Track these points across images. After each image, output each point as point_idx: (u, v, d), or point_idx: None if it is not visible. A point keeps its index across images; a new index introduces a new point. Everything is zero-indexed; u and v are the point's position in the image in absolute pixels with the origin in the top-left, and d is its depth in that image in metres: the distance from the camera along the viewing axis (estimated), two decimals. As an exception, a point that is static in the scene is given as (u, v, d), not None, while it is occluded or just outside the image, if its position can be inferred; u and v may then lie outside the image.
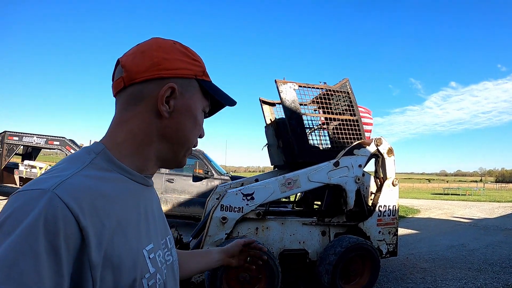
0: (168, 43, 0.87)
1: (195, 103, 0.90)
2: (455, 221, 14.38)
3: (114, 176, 0.79)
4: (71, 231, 0.63)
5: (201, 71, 0.90)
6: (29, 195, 0.64)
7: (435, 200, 28.85)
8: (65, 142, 13.95)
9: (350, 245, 4.96)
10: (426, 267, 7.11)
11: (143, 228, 0.82)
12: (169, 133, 0.86)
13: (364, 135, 5.84)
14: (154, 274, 0.80)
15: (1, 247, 0.58)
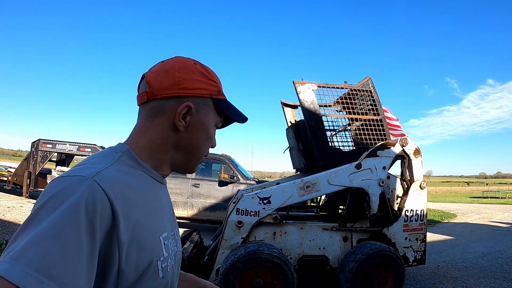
0: (189, 63, 0.99)
1: (209, 120, 1.01)
2: (493, 226, 13.73)
3: (138, 173, 0.91)
4: (106, 213, 0.74)
5: (216, 90, 1.02)
6: (71, 180, 0.75)
7: (473, 204, 27.88)
8: (96, 149, 14.36)
9: (372, 252, 4.70)
10: (458, 276, 6.67)
11: (159, 218, 0.93)
12: (183, 144, 0.99)
13: (389, 136, 5.54)
14: (166, 258, 0.91)
15: (48, 219, 0.68)
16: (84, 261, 0.69)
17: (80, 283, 0.67)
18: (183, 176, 9.95)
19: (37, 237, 0.66)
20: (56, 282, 0.63)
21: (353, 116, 5.63)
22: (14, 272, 0.61)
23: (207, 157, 1.32)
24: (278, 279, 4.41)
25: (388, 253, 4.77)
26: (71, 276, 0.66)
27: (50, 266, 0.63)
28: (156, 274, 0.87)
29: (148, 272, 0.84)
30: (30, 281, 0.61)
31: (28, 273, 0.62)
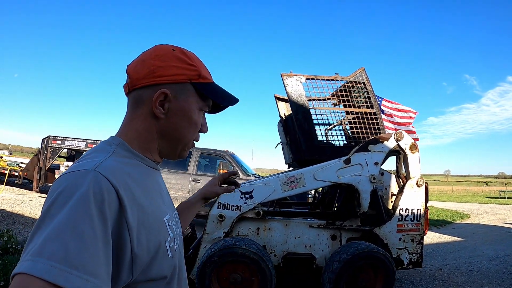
0: (167, 51, 0.99)
1: (190, 105, 1.00)
2: (506, 228, 13.29)
3: (133, 162, 0.94)
4: (113, 199, 0.77)
5: (196, 74, 1.00)
6: (75, 175, 0.79)
7: (489, 204, 27.30)
8: None
9: (358, 252, 4.43)
10: (460, 281, 6.32)
11: (160, 201, 0.98)
12: (166, 132, 1.00)
13: (383, 129, 5.23)
14: (173, 238, 0.96)
15: (61, 214, 0.70)
16: (101, 248, 0.71)
17: (100, 269, 0.70)
18: (183, 172, 9.93)
19: (54, 231, 0.68)
20: (79, 270, 0.66)
21: (345, 109, 5.36)
22: (39, 267, 0.63)
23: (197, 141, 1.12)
24: (256, 275, 4.31)
25: (376, 254, 4.49)
26: (91, 264, 0.68)
27: (72, 257, 0.66)
28: (166, 254, 0.91)
29: (159, 253, 0.88)
30: (55, 273, 0.63)
31: (52, 266, 0.63)
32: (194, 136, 1.06)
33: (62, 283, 0.63)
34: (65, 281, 0.63)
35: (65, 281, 0.63)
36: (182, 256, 1.08)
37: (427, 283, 6.19)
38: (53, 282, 0.62)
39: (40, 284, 0.62)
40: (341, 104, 5.53)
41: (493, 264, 7.65)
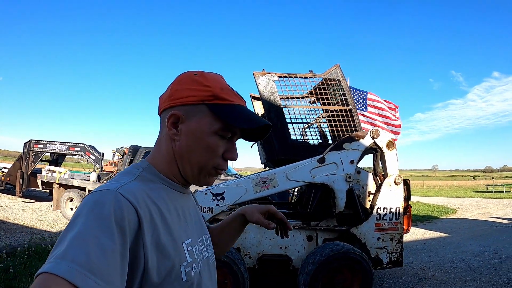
0: (187, 75, 1.01)
1: (201, 126, 0.97)
2: (492, 222, 13.35)
3: (157, 186, 0.97)
4: (133, 217, 0.81)
5: (209, 95, 0.97)
6: (100, 193, 0.83)
7: (476, 198, 27.45)
8: (85, 148, 14.62)
9: (333, 253, 4.33)
10: (443, 279, 6.24)
11: (182, 226, 0.98)
12: (181, 154, 0.99)
13: (359, 127, 5.13)
14: (190, 263, 0.95)
15: (85, 225, 0.75)
16: (118, 261, 0.74)
17: (116, 279, 0.73)
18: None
19: (77, 240, 0.72)
20: (96, 276, 0.69)
21: (320, 107, 5.24)
22: (61, 268, 0.67)
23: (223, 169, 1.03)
24: (228, 278, 4.22)
25: (351, 255, 4.38)
26: (109, 273, 0.71)
27: (92, 263, 0.69)
28: (180, 278, 0.91)
29: (171, 276, 0.88)
30: (76, 274, 0.66)
31: (73, 268, 0.67)
32: (213, 161, 1.01)
33: (80, 285, 0.66)
34: (83, 283, 0.66)
35: (83, 283, 0.66)
36: (208, 279, 1.06)
37: (409, 281, 6.11)
38: (72, 282, 0.65)
39: (60, 282, 0.65)
40: (318, 102, 5.42)
41: (478, 260, 7.60)
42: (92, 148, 14.56)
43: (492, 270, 6.82)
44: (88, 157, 14.41)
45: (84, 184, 10.85)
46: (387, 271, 6.48)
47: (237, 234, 1.44)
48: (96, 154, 14.37)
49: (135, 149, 10.47)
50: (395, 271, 6.54)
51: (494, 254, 8.13)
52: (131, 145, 10.72)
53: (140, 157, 10.11)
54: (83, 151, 14.52)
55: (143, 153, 10.21)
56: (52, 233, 8.98)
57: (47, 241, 7.62)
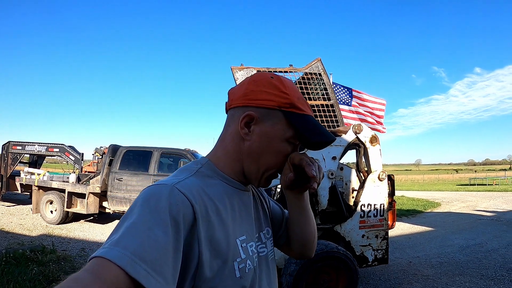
0: (264, 77, 1.03)
1: (275, 131, 0.99)
2: (477, 215, 13.45)
3: (215, 182, 0.99)
4: (188, 212, 0.83)
5: (287, 102, 0.99)
6: (157, 187, 0.86)
7: (460, 191, 27.79)
8: (64, 149, 14.12)
9: (316, 253, 4.16)
10: (430, 274, 6.18)
11: (237, 222, 0.98)
12: (249, 153, 1.01)
13: (342, 122, 4.99)
14: (244, 259, 0.96)
15: (141, 217, 0.78)
16: (170, 253, 0.77)
17: (167, 271, 0.74)
18: (144, 173, 9.57)
19: (132, 230, 0.75)
20: (147, 264, 0.70)
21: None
22: (113, 253, 0.69)
23: None
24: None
25: (335, 254, 4.25)
26: (160, 264, 0.73)
27: (144, 252, 0.71)
28: (233, 274, 0.91)
29: (224, 271, 0.89)
30: (127, 260, 0.68)
31: (125, 254, 0.69)
32: (279, 165, 1.03)
33: (129, 270, 0.67)
34: (133, 269, 0.68)
35: (132, 269, 0.68)
36: (262, 279, 1.04)
37: (396, 278, 6.03)
38: (122, 267, 0.67)
39: (111, 267, 0.67)
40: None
41: (464, 254, 7.59)
42: (71, 149, 14.12)
43: (478, 264, 6.80)
44: (68, 157, 13.95)
45: (64, 186, 10.53)
46: (373, 268, 6.39)
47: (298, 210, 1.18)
48: (75, 154, 13.93)
49: (115, 148, 10.20)
50: (381, 268, 6.46)
51: (480, 248, 8.14)
52: (111, 145, 10.44)
53: (121, 156, 9.87)
54: (63, 152, 14.05)
55: (123, 152, 9.95)
56: (31, 237, 8.68)
57: (26, 246, 7.33)
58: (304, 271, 4.13)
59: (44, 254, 6.66)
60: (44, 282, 5.31)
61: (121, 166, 9.80)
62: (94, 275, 0.65)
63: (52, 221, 10.52)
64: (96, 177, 10.41)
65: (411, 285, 5.62)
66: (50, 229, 9.76)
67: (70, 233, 9.40)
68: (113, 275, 0.66)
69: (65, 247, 7.80)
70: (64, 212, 10.43)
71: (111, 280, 0.66)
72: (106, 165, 9.94)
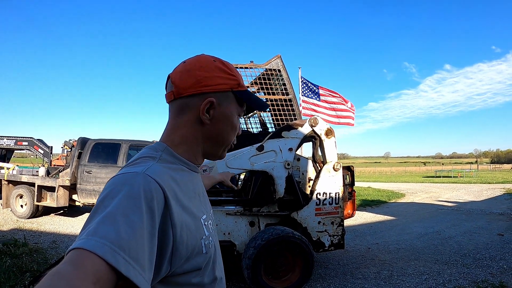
0: (209, 62, 1.08)
1: (231, 111, 1.10)
2: (438, 205, 13.94)
3: (176, 167, 1.03)
4: (160, 198, 0.86)
5: (236, 83, 1.09)
6: (127, 176, 0.88)
7: (425, 183, 28.37)
8: (33, 142, 14.08)
9: (273, 237, 4.47)
10: (386, 259, 6.52)
11: (197, 203, 1.06)
12: (211, 136, 1.09)
13: (299, 116, 5.28)
14: (208, 236, 1.04)
15: (114, 205, 0.79)
16: (147, 239, 0.78)
17: (143, 258, 0.76)
18: (113, 165, 9.66)
19: (108, 218, 0.75)
20: (126, 253, 0.72)
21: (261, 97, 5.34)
22: (91, 243, 0.70)
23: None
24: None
25: (291, 239, 4.54)
26: (137, 251, 0.74)
27: (122, 240, 0.72)
28: (201, 251, 0.98)
29: (195, 250, 0.95)
30: (106, 249, 0.69)
31: (104, 243, 0.70)
32: (233, 138, 1.15)
33: (109, 260, 0.69)
34: (113, 258, 0.69)
35: (112, 258, 0.69)
36: (218, 252, 1.15)
37: (354, 262, 6.35)
38: (102, 257, 0.68)
39: (91, 257, 0.68)
40: (261, 92, 5.52)
41: (421, 241, 7.97)
42: (40, 142, 14.07)
43: (434, 250, 7.15)
44: (37, 151, 13.91)
45: (33, 180, 10.49)
46: (332, 253, 6.71)
47: None
48: (44, 148, 13.88)
49: (84, 141, 10.24)
50: (340, 253, 6.78)
51: (437, 235, 8.52)
52: (80, 137, 10.45)
53: (89, 148, 9.93)
54: (31, 145, 13.99)
55: (92, 145, 10.00)
56: (2, 232, 8.65)
57: (-3, 240, 7.38)
58: (261, 254, 4.40)
59: (17, 247, 6.74)
60: (18, 273, 5.43)
61: (90, 159, 9.86)
62: (75, 267, 0.66)
63: (23, 215, 10.48)
64: (66, 170, 10.41)
65: (368, 269, 5.92)
66: (21, 224, 9.74)
67: (41, 227, 9.41)
68: (94, 265, 0.67)
69: (36, 240, 7.85)
70: (34, 206, 10.39)
71: (92, 271, 0.67)
72: (75, 158, 9.97)
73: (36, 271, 5.55)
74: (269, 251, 4.47)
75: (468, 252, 6.96)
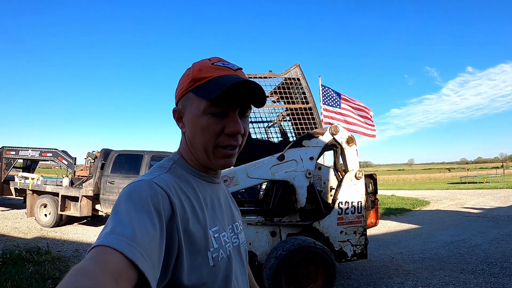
0: (186, 72, 1.08)
1: (193, 111, 1.04)
2: (464, 212, 13.59)
3: (186, 176, 1.06)
4: (166, 203, 0.90)
5: (190, 82, 1.04)
6: (137, 184, 0.93)
7: (450, 190, 27.74)
8: (57, 153, 14.30)
9: (294, 247, 4.41)
10: (411, 269, 6.38)
11: (209, 214, 1.05)
12: (190, 142, 1.08)
13: (320, 124, 5.24)
14: (217, 249, 1.01)
15: (128, 209, 0.84)
16: (157, 240, 0.82)
17: (154, 256, 0.79)
18: (136, 176, 9.68)
19: (122, 219, 0.80)
20: (141, 248, 0.75)
21: (280, 106, 5.33)
22: (110, 240, 0.74)
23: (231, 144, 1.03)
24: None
25: (312, 249, 4.47)
26: (150, 248, 0.78)
27: (137, 236, 0.76)
28: (207, 262, 0.97)
29: (198, 261, 0.95)
30: (123, 244, 0.73)
31: (121, 239, 0.74)
32: (212, 140, 1.03)
33: (127, 253, 0.72)
34: (130, 251, 0.73)
35: (130, 252, 0.72)
36: (237, 266, 1.12)
37: (377, 272, 6.22)
38: (120, 251, 0.72)
39: (110, 252, 0.72)
40: (282, 101, 5.50)
41: (446, 250, 7.76)
42: (64, 153, 14.32)
43: (460, 259, 6.95)
44: (61, 162, 14.13)
45: (57, 190, 10.73)
46: (355, 263, 6.61)
47: None
48: (68, 159, 14.11)
49: (107, 152, 10.41)
50: (364, 263, 6.67)
51: (463, 243, 8.29)
52: (103, 149, 10.64)
53: (112, 159, 10.08)
54: (56, 156, 14.23)
55: (114, 156, 10.17)
56: (26, 240, 8.86)
57: (22, 248, 7.54)
58: (282, 265, 4.35)
59: (40, 255, 6.87)
60: (40, 280, 5.52)
61: (113, 170, 10.01)
62: (96, 262, 0.69)
63: (46, 224, 10.71)
64: (89, 181, 10.59)
65: (391, 280, 5.79)
66: (45, 232, 9.93)
67: (64, 236, 9.57)
68: (115, 261, 0.70)
69: (59, 248, 7.98)
70: (58, 215, 10.64)
71: (114, 266, 0.69)
72: (98, 168, 10.13)
73: (58, 278, 5.63)
74: (291, 261, 4.41)
75: (495, 260, 6.74)
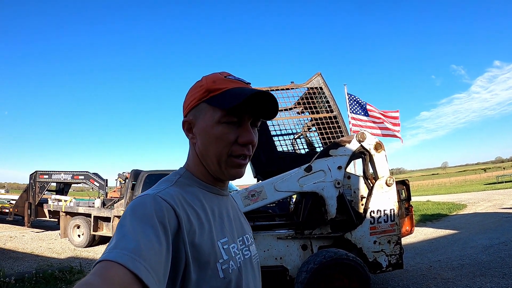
0: (195, 85, 1.10)
1: (206, 121, 1.05)
2: (503, 214, 13.14)
3: (193, 189, 1.07)
4: (172, 216, 0.90)
5: (204, 93, 1.05)
6: (141, 198, 0.93)
7: (487, 191, 26.99)
8: (89, 176, 14.77)
9: (325, 260, 4.30)
10: (450, 277, 6.14)
11: (217, 225, 1.04)
12: (201, 153, 1.08)
13: (346, 132, 5.14)
14: (227, 260, 1.00)
15: (132, 223, 0.84)
16: (163, 254, 0.82)
17: (160, 269, 0.79)
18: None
19: (127, 234, 0.80)
20: (145, 261, 0.75)
21: (305, 117, 5.27)
22: (113, 255, 0.74)
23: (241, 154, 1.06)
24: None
25: (345, 261, 4.34)
26: (155, 261, 0.78)
27: (141, 250, 0.76)
28: (216, 274, 0.96)
29: (207, 273, 0.94)
30: (126, 258, 0.73)
31: (124, 253, 0.74)
32: (226, 150, 1.05)
33: (131, 267, 0.72)
34: (133, 265, 0.72)
35: (133, 266, 0.72)
36: (247, 278, 1.09)
37: (414, 282, 6.03)
38: (124, 265, 0.72)
39: (114, 266, 0.72)
40: (306, 111, 5.44)
41: (487, 254, 7.47)
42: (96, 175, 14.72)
43: (501, 263, 6.69)
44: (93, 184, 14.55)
45: (90, 211, 11.01)
46: (391, 274, 6.41)
47: None
48: (100, 181, 14.53)
49: (137, 173, 10.55)
50: (400, 273, 6.47)
51: (504, 246, 8.00)
52: (132, 170, 10.81)
53: (142, 180, 10.19)
54: (87, 179, 14.67)
55: (144, 176, 10.28)
56: (60, 260, 9.08)
57: (55, 267, 7.71)
58: (314, 279, 4.24)
59: (72, 274, 7.04)
60: (71, 299, 5.61)
61: (143, 190, 10.09)
62: (100, 277, 0.70)
63: (80, 244, 10.98)
64: (120, 201, 10.77)
65: (429, 289, 5.62)
66: (78, 252, 10.16)
67: (97, 255, 9.74)
68: (119, 275, 0.71)
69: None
70: (90, 235, 10.92)
71: (117, 279, 0.70)
72: (129, 189, 10.27)
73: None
74: (323, 275, 4.30)
75: (539, 264, 6.40)
